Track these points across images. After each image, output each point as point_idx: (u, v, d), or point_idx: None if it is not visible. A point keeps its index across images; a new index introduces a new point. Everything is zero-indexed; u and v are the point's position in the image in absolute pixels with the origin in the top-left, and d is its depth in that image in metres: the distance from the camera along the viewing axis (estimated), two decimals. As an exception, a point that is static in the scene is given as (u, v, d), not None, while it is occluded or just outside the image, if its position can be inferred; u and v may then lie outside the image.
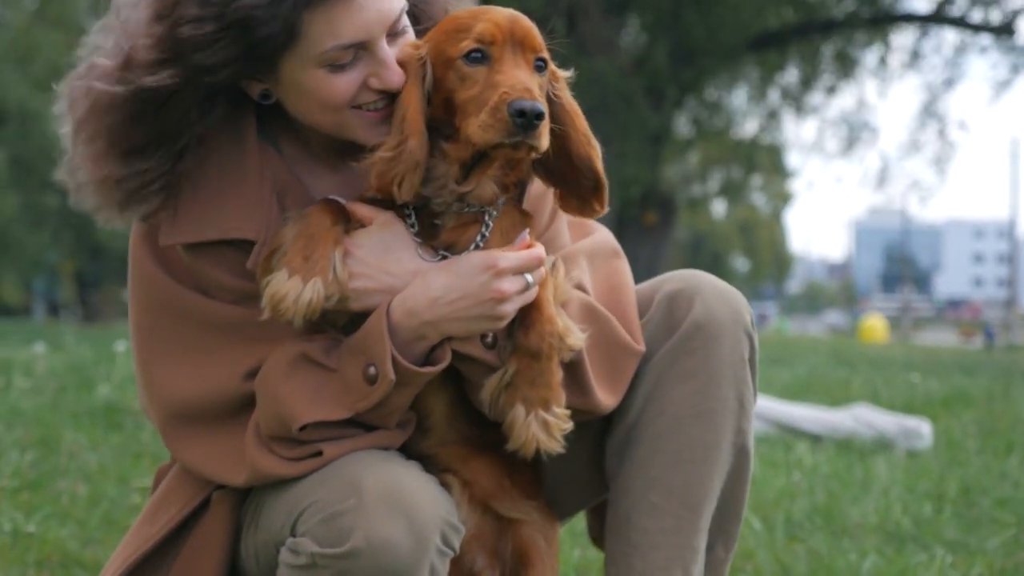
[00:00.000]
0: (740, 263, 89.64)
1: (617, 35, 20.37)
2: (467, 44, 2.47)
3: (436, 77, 2.51)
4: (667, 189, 22.17)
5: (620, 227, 20.54)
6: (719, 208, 63.49)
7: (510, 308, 2.47)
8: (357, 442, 2.49)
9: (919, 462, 7.40)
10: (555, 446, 2.48)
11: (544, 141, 2.39)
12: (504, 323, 2.49)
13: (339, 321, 2.54)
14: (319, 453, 2.47)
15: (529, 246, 2.51)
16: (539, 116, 2.34)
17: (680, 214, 24.32)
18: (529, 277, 2.49)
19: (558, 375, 2.49)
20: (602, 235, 2.89)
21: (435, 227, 2.55)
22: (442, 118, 2.50)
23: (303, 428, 2.46)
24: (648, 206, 20.98)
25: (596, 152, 2.58)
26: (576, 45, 18.40)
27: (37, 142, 43.91)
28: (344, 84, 2.53)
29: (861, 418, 8.53)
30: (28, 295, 70.54)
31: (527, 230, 2.56)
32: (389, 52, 2.54)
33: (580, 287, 2.70)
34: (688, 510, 2.68)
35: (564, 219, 2.83)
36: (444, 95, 2.49)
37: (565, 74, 2.60)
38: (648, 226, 21.08)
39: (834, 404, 10.41)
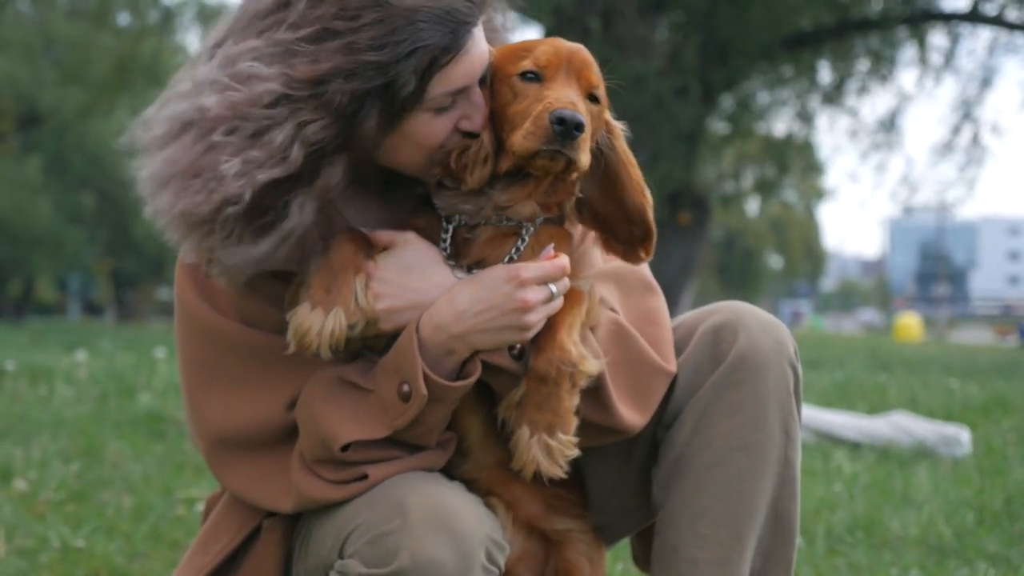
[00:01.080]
0: (774, 260, 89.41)
1: (652, 35, 20.34)
2: (525, 64, 2.53)
3: (492, 91, 2.57)
4: (701, 188, 22.09)
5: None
6: (752, 206, 63.32)
7: (535, 318, 2.49)
8: (401, 464, 2.53)
9: (959, 471, 7.38)
10: (555, 471, 2.48)
11: (583, 157, 2.44)
12: (531, 334, 2.51)
13: (378, 345, 2.56)
14: (364, 476, 2.50)
15: (554, 257, 2.54)
16: (579, 127, 2.39)
17: (714, 213, 24.19)
18: (553, 287, 2.51)
19: (568, 401, 2.50)
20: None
21: (467, 243, 2.59)
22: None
23: (345, 448, 2.50)
24: (682, 205, 20.93)
25: (649, 202, 2.62)
26: (612, 46, 18.39)
27: (74, 141, 44.14)
28: (444, 126, 2.56)
29: (899, 425, 8.52)
30: (63, 294, 70.91)
31: (552, 244, 2.58)
32: (481, 95, 2.59)
33: (605, 307, 2.73)
34: (736, 540, 2.70)
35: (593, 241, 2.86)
36: (496, 108, 2.55)
37: (620, 126, 2.64)
38: (682, 225, 21.03)
39: (872, 411, 10.41)
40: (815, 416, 8.76)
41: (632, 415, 2.67)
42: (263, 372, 2.63)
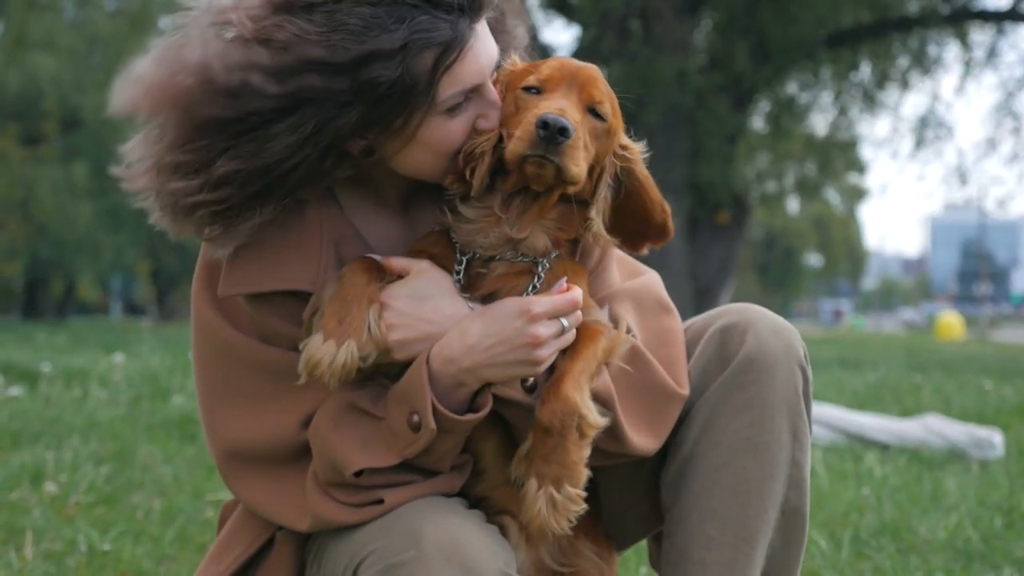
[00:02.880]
0: (814, 259, 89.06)
1: (690, 35, 20.32)
2: (531, 80, 2.55)
3: (503, 106, 2.59)
4: (741, 187, 22.02)
5: (693, 226, 20.47)
6: (793, 205, 63.08)
7: (546, 353, 2.49)
8: (417, 489, 2.54)
9: (990, 474, 7.34)
10: (561, 525, 2.48)
11: (572, 166, 2.43)
12: (542, 368, 2.51)
13: (392, 371, 2.57)
14: (380, 500, 2.51)
15: (566, 290, 2.53)
16: (563, 131, 2.39)
17: (754, 212, 24.10)
18: (565, 321, 2.51)
19: (576, 453, 2.49)
20: (651, 279, 2.92)
21: (480, 276, 2.59)
22: None
23: (359, 474, 2.51)
24: (721, 205, 20.88)
25: (667, 214, 2.65)
26: (652, 46, 18.38)
27: (116, 143, 44.29)
28: (458, 128, 2.58)
29: (931, 427, 8.48)
30: (105, 295, 71.27)
31: (564, 278, 2.57)
32: (495, 92, 2.61)
33: (621, 327, 2.73)
34: (744, 542, 2.70)
35: (614, 259, 2.88)
36: (502, 122, 2.57)
37: (638, 146, 2.65)
38: (721, 224, 20.98)
39: (904, 413, 10.36)
40: (846, 418, 8.73)
41: (645, 441, 2.68)
42: (278, 390, 2.65)
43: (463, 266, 2.59)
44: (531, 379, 2.57)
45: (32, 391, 10.38)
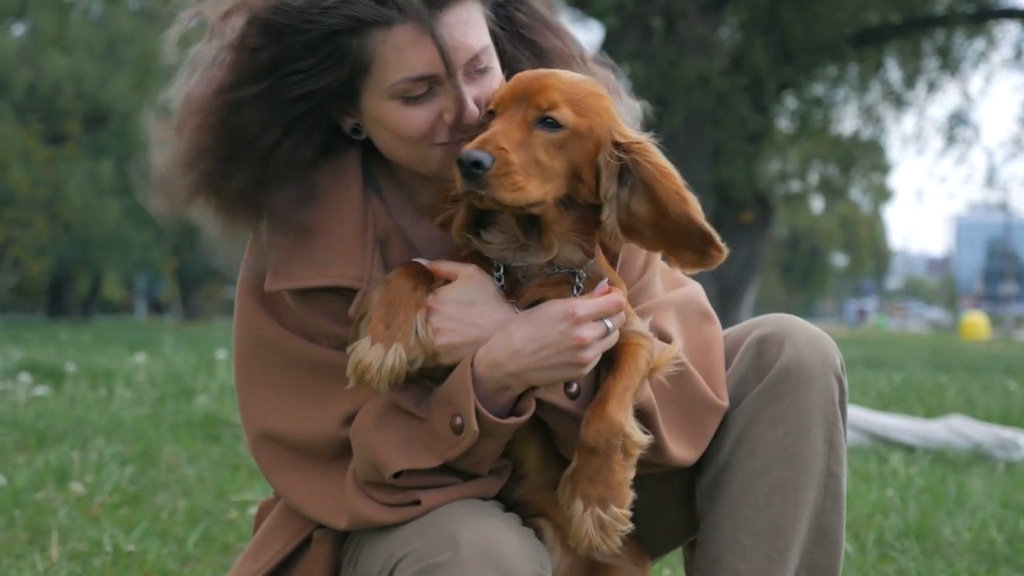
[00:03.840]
0: (839, 259, 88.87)
1: (714, 34, 20.25)
2: (490, 105, 2.53)
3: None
4: (765, 187, 21.95)
5: (716, 225, 20.30)
6: (818, 204, 62.90)
7: (591, 355, 2.49)
8: (454, 491, 2.54)
9: (1015, 476, 7.32)
10: (608, 546, 2.47)
11: (505, 193, 2.38)
12: (587, 370, 2.51)
13: (436, 374, 2.57)
14: (417, 501, 2.52)
15: (608, 292, 2.53)
16: (476, 164, 2.35)
17: (778, 211, 24.03)
18: (609, 323, 2.51)
19: (621, 473, 2.48)
20: (693, 289, 2.91)
21: (521, 284, 2.57)
22: None
23: (398, 475, 2.52)
24: (744, 204, 20.82)
25: (692, 206, 2.52)
26: (675, 44, 18.33)
27: (137, 140, 44.41)
28: (417, 117, 2.58)
29: (956, 429, 8.46)
30: (130, 293, 71.48)
31: (606, 279, 2.57)
32: (463, 88, 2.58)
33: (666, 337, 2.73)
34: (777, 552, 2.70)
35: (657, 269, 2.87)
36: None
37: (644, 137, 2.57)
38: (745, 224, 20.92)
39: (929, 414, 10.33)
40: (871, 419, 8.72)
41: (684, 451, 2.68)
42: (321, 387, 2.67)
43: (502, 272, 2.58)
44: (575, 385, 2.57)
45: (57, 390, 10.43)
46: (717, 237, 2.55)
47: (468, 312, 2.54)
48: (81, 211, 41.09)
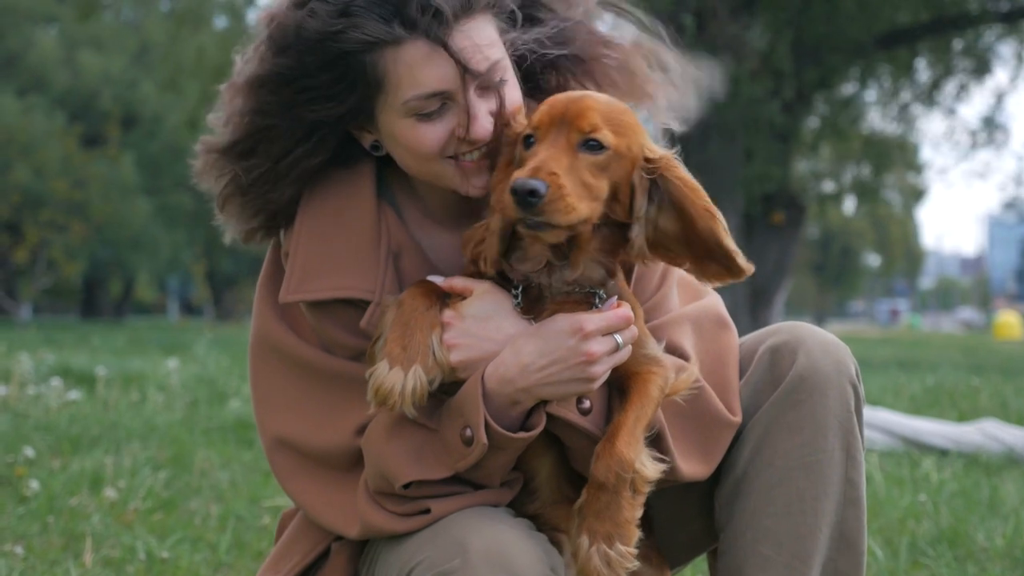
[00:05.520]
0: (871, 259, 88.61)
1: (744, 34, 20.21)
2: (527, 129, 2.52)
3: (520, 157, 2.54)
4: (796, 187, 21.92)
5: (747, 226, 20.38)
6: (850, 204, 62.74)
7: (600, 369, 2.49)
8: (464, 500, 2.56)
9: (1048, 480, 7.28)
10: None
11: (560, 218, 2.36)
12: (596, 385, 2.51)
13: (453, 390, 2.57)
14: (428, 510, 2.54)
15: (618, 306, 2.53)
16: (532, 193, 2.33)
17: (809, 212, 23.96)
18: (619, 338, 2.50)
19: (630, 511, 2.48)
20: (711, 300, 2.91)
21: (540, 301, 2.57)
22: None
23: (408, 485, 2.53)
24: (776, 205, 20.80)
25: (718, 224, 2.49)
26: (706, 46, 18.31)
27: (166, 141, 44.64)
28: (432, 133, 2.60)
29: (989, 432, 8.42)
30: (162, 294, 71.86)
31: (615, 296, 2.56)
32: (477, 103, 2.59)
33: (682, 354, 2.73)
34: (799, 560, 2.70)
35: (674, 284, 2.86)
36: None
37: (669, 152, 2.55)
38: (775, 225, 20.89)
39: (962, 417, 10.29)
40: (903, 423, 8.69)
41: (695, 468, 2.69)
42: (336, 397, 2.69)
43: (520, 289, 2.58)
44: (587, 401, 2.57)
45: (90, 395, 10.49)
46: (740, 258, 2.53)
47: (484, 327, 2.55)
48: (112, 213, 41.32)
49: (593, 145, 2.45)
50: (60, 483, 6.12)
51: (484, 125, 2.59)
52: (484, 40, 2.59)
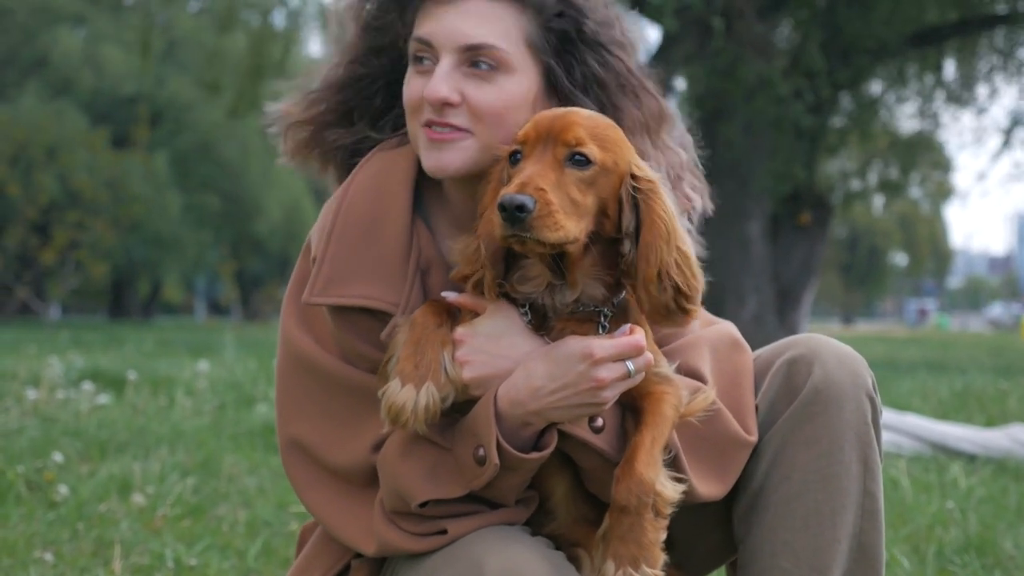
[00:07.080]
0: (899, 258, 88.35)
1: (772, 34, 20.16)
2: (513, 145, 2.53)
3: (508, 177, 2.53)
4: (823, 187, 21.85)
5: (774, 226, 20.34)
6: (877, 203, 62.54)
7: (610, 394, 2.49)
8: (481, 519, 2.57)
9: (1077, 486, 7.25)
10: None
11: (549, 233, 2.35)
12: (606, 407, 2.52)
13: (466, 409, 2.58)
14: (444, 531, 2.55)
15: (631, 333, 2.52)
16: (520, 208, 2.32)
17: (836, 212, 23.89)
18: (631, 365, 2.49)
19: (653, 533, 2.48)
20: (725, 326, 2.93)
21: (548, 319, 2.58)
22: None
23: (423, 504, 2.55)
24: (802, 205, 20.74)
25: (667, 260, 2.46)
26: (734, 44, 18.26)
27: (194, 140, 44.78)
28: (415, 83, 2.71)
29: (1017, 438, 8.39)
30: (190, 295, 72.03)
31: (629, 324, 2.55)
32: (444, 67, 2.66)
33: (699, 377, 2.74)
34: (818, 573, 2.71)
35: None
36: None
37: (655, 176, 2.54)
38: (802, 225, 20.83)
39: (990, 422, 10.26)
40: (930, 427, 8.66)
41: (711, 488, 2.70)
42: (354, 411, 2.71)
43: (527, 308, 2.59)
44: (600, 419, 2.58)
45: (119, 399, 10.53)
46: (691, 298, 2.50)
47: (497, 344, 2.56)
48: (144, 212, 41.47)
49: (579, 160, 2.44)
50: (89, 489, 6.14)
51: (436, 87, 2.65)
52: (482, 18, 2.67)
